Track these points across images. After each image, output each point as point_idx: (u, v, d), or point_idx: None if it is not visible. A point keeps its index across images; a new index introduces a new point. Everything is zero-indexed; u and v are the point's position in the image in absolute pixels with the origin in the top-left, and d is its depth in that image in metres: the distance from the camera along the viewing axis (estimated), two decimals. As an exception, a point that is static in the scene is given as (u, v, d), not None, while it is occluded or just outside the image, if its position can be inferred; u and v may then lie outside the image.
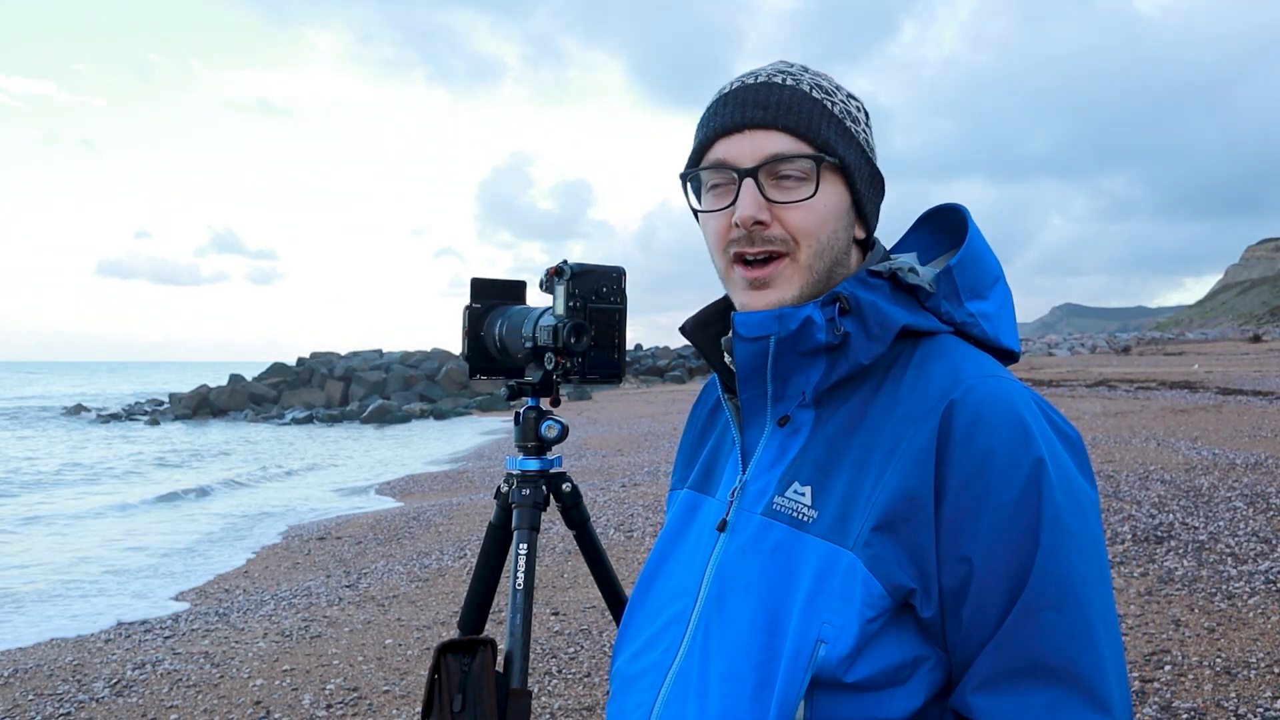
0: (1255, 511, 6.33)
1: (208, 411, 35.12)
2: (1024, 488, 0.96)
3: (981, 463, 0.98)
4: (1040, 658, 0.95)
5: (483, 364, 1.84)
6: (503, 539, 1.75)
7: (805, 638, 0.99)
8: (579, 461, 12.95)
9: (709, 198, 1.14)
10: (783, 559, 1.05)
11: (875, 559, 0.98)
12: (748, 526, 1.11)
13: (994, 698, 0.96)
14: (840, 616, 0.98)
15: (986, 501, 0.97)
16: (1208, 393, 16.95)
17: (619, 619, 1.81)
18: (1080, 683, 0.95)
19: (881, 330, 1.07)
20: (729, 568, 1.10)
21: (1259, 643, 3.97)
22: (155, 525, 10.70)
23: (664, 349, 53.48)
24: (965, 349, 1.09)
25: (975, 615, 0.97)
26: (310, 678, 4.45)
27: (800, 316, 1.07)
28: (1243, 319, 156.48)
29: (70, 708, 4.22)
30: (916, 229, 1.26)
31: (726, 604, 1.08)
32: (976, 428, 0.99)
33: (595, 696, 3.97)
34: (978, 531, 0.97)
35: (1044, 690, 0.95)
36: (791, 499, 1.08)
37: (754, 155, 1.09)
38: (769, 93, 1.11)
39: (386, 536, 8.38)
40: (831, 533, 1.03)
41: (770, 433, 1.14)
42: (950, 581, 0.98)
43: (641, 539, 7.06)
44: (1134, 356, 42.84)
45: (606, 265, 1.61)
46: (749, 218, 1.07)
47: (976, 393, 1.01)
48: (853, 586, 0.98)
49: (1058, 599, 0.96)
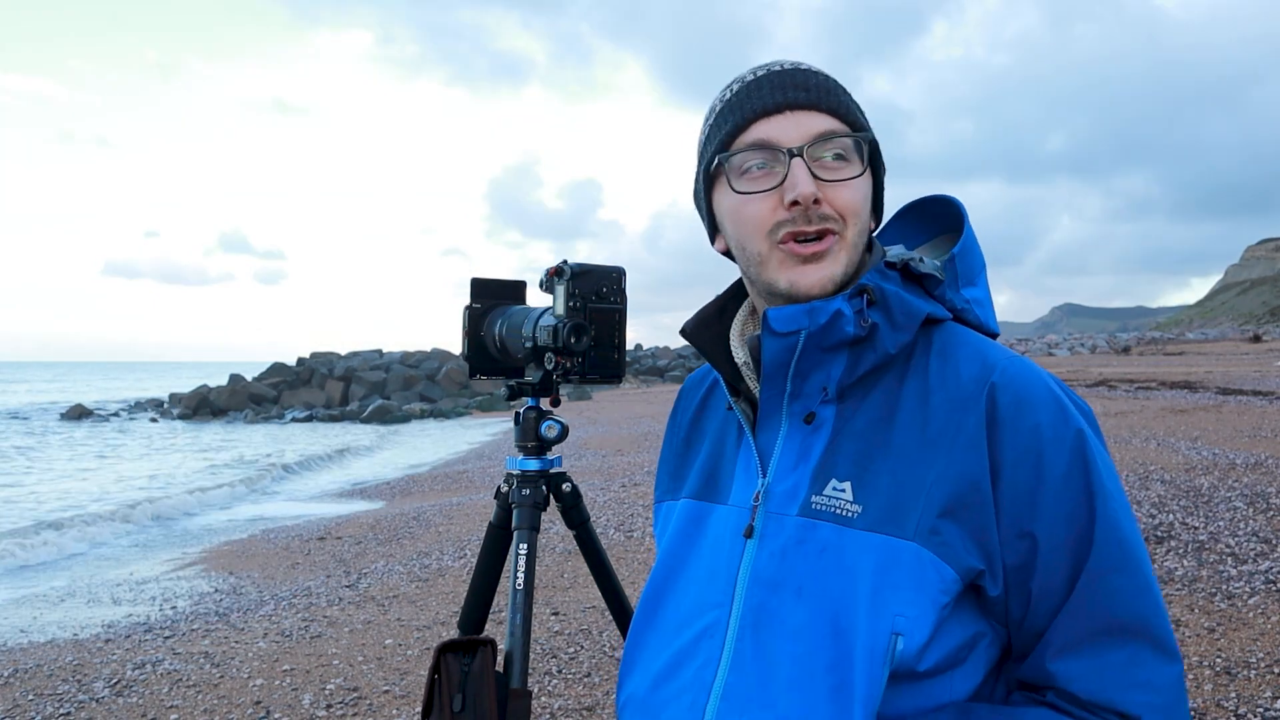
0: (1255, 511, 6.32)
1: (207, 411, 35.12)
2: (1070, 460, 1.01)
3: (1030, 440, 1.01)
4: (1113, 617, 1.00)
5: (483, 364, 1.84)
6: (503, 539, 1.75)
7: (878, 633, 0.99)
8: (579, 461, 12.95)
9: (746, 181, 1.10)
10: (833, 558, 1.03)
11: (943, 545, 1.00)
12: (782, 530, 1.08)
13: (1074, 661, 1.00)
14: (913, 607, 0.99)
15: (1041, 476, 1.00)
16: (1208, 393, 16.95)
17: (619, 619, 1.81)
18: (1151, 635, 1.00)
19: (907, 320, 1.08)
20: (766, 573, 1.07)
21: (1259, 643, 3.97)
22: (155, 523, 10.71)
23: (664, 349, 53.50)
24: (975, 335, 1.11)
25: (1044, 587, 1.01)
26: (310, 678, 4.45)
27: (830, 310, 1.06)
28: (1243, 319, 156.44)
29: (70, 708, 4.21)
30: (897, 220, 1.27)
31: (775, 611, 1.05)
32: (1021, 407, 1.02)
33: (595, 696, 3.97)
34: (1036, 507, 1.00)
35: (1120, 647, 1.00)
36: (832, 496, 1.06)
37: (800, 135, 1.07)
38: (804, 76, 1.11)
39: (386, 536, 8.38)
40: (884, 525, 1.02)
41: (788, 432, 1.12)
42: (1014, 558, 1.01)
43: (641, 539, 7.05)
44: (1134, 356, 42.84)
45: (606, 265, 1.61)
46: (810, 194, 1.05)
47: (1011, 374, 1.04)
48: (923, 575, 0.99)
49: (1119, 560, 1.01)
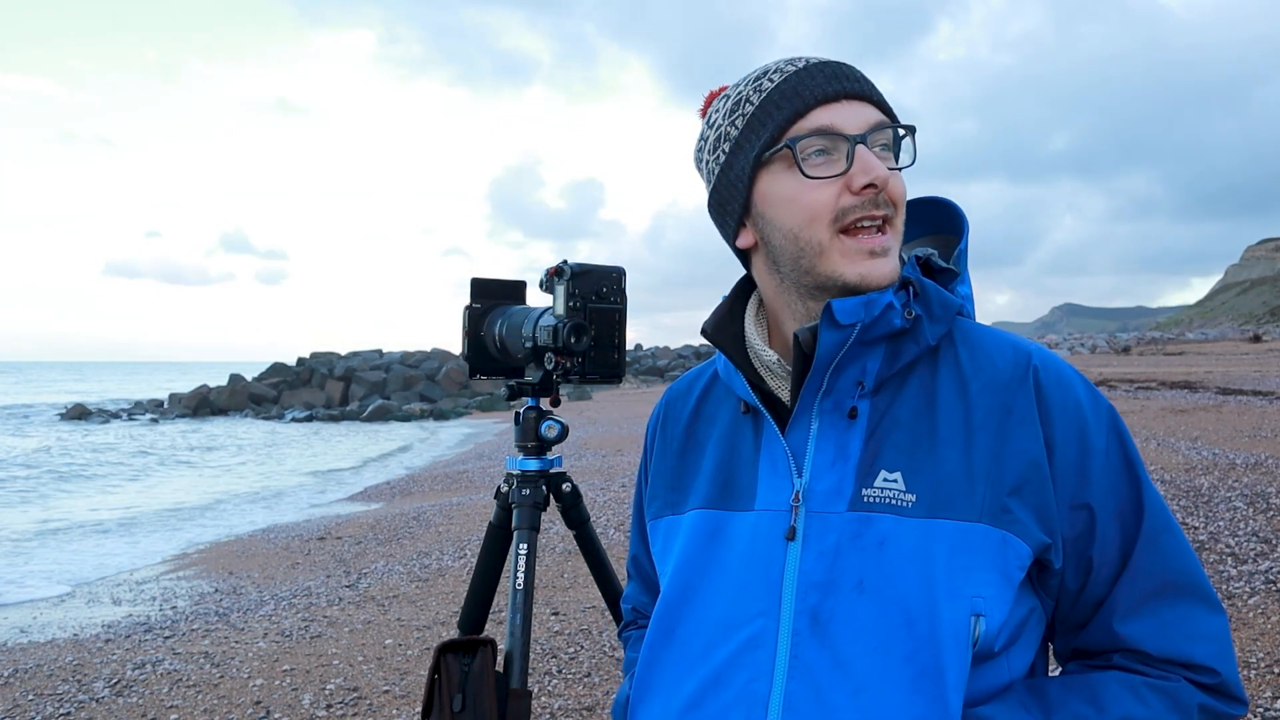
0: (1255, 511, 6.32)
1: (208, 411, 35.13)
2: (1108, 434, 1.07)
3: (1075, 417, 1.06)
4: (1168, 577, 1.06)
5: (483, 364, 1.84)
6: (503, 539, 1.75)
7: (957, 617, 0.99)
8: (579, 461, 12.94)
9: (809, 167, 1.07)
10: (894, 549, 1.02)
11: (1016, 523, 1.02)
12: (829, 528, 1.05)
13: (1139, 621, 1.05)
14: (990, 587, 1.01)
15: (1087, 450, 1.06)
16: (1208, 393, 16.94)
17: (619, 619, 1.80)
18: (1199, 590, 1.07)
19: (944, 312, 1.10)
20: (816, 574, 1.04)
21: (1259, 643, 3.97)
22: (157, 527, 10.71)
23: (664, 349, 53.49)
24: (987, 327, 1.16)
25: (1103, 554, 1.06)
26: (310, 678, 4.45)
27: (884, 302, 1.05)
28: (1243, 319, 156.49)
29: (70, 708, 4.21)
30: None
31: (835, 611, 1.02)
32: (1063, 388, 1.07)
33: (595, 696, 3.97)
34: (1088, 478, 1.05)
35: (1177, 604, 1.06)
36: (884, 488, 1.05)
37: (860, 123, 1.08)
38: (851, 69, 1.11)
39: (386, 536, 8.37)
40: (944, 510, 1.02)
41: (820, 429, 1.10)
42: (1072, 530, 1.05)
43: (641, 539, 7.05)
44: (1134, 356, 42.84)
45: (606, 265, 1.61)
46: (884, 176, 1.05)
47: (1046, 358, 1.10)
48: (998, 554, 1.01)
49: (1165, 524, 1.07)
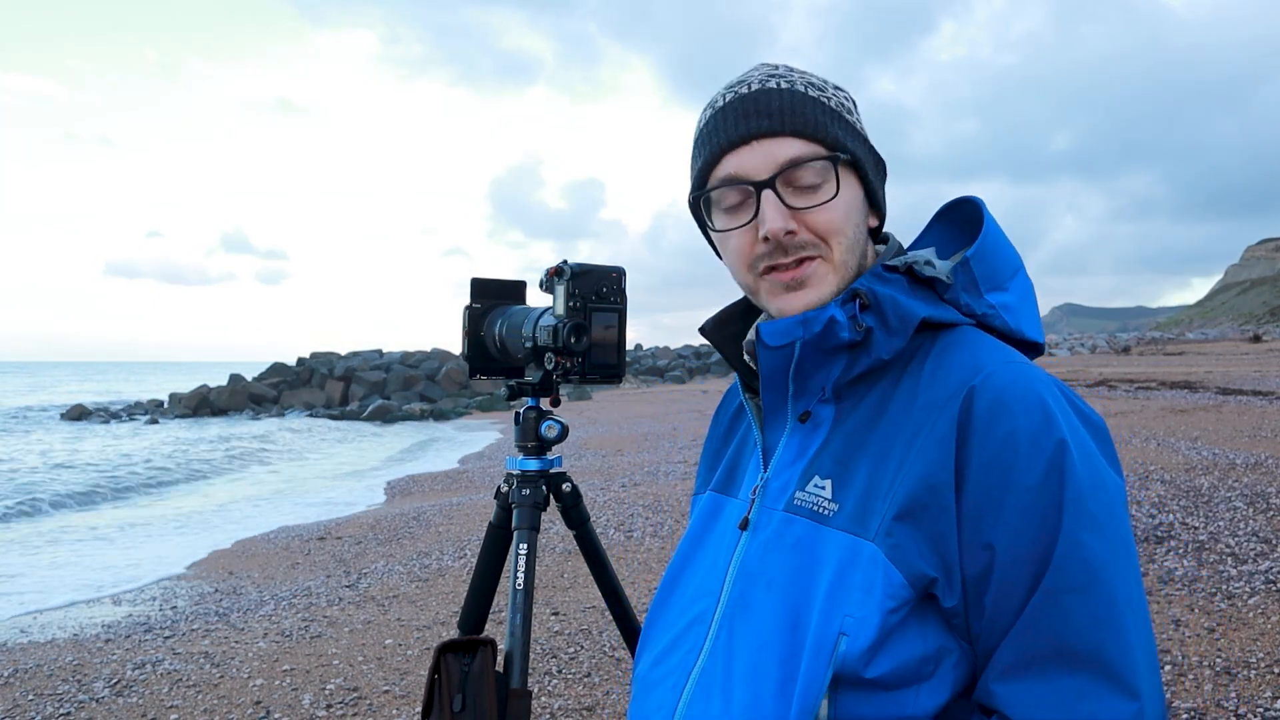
0: (1255, 511, 6.32)
1: (207, 411, 35.12)
2: (1046, 471, 0.94)
3: (1002, 447, 0.96)
4: (1064, 642, 0.92)
5: (483, 364, 1.84)
6: (503, 539, 1.75)
7: (826, 631, 0.98)
8: (579, 461, 12.94)
9: (724, 217, 1.11)
10: (804, 553, 1.04)
11: (896, 548, 0.97)
12: (769, 523, 1.09)
13: (1017, 684, 0.94)
14: (861, 609, 0.96)
15: (1008, 486, 0.95)
16: (1208, 393, 16.94)
17: (619, 619, 1.81)
18: (1106, 668, 0.92)
19: (901, 324, 1.06)
20: (751, 565, 1.09)
21: (1259, 643, 3.97)
22: (160, 521, 10.71)
23: (664, 349, 53.49)
24: (985, 339, 1.08)
25: (998, 602, 0.95)
26: (310, 678, 4.45)
27: (824, 318, 1.05)
28: (1243, 319, 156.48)
29: (70, 708, 4.21)
30: (935, 224, 1.24)
31: (749, 602, 1.07)
32: (997, 413, 0.97)
33: (595, 696, 3.97)
34: (1000, 517, 0.95)
35: (1069, 676, 0.92)
36: (812, 493, 1.07)
37: (768, 165, 1.06)
38: (768, 99, 1.08)
39: (386, 536, 8.37)
40: (853, 524, 1.01)
41: (791, 430, 1.13)
42: (972, 569, 0.96)
43: (641, 539, 7.05)
44: (1134, 356, 42.84)
45: (606, 265, 1.61)
46: (779, 230, 1.05)
47: (996, 378, 0.99)
48: (874, 577, 0.97)
49: (1082, 582, 0.93)
